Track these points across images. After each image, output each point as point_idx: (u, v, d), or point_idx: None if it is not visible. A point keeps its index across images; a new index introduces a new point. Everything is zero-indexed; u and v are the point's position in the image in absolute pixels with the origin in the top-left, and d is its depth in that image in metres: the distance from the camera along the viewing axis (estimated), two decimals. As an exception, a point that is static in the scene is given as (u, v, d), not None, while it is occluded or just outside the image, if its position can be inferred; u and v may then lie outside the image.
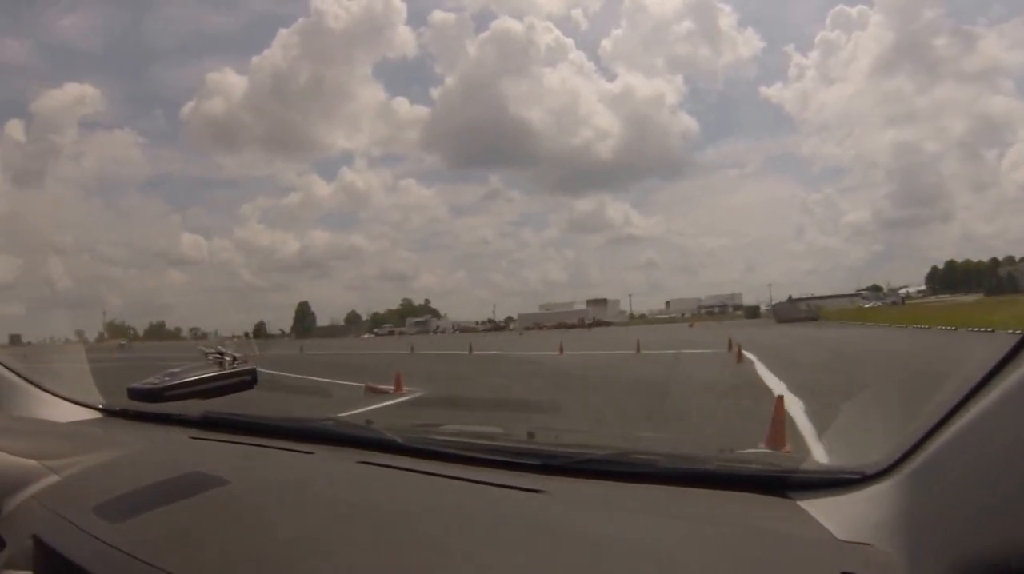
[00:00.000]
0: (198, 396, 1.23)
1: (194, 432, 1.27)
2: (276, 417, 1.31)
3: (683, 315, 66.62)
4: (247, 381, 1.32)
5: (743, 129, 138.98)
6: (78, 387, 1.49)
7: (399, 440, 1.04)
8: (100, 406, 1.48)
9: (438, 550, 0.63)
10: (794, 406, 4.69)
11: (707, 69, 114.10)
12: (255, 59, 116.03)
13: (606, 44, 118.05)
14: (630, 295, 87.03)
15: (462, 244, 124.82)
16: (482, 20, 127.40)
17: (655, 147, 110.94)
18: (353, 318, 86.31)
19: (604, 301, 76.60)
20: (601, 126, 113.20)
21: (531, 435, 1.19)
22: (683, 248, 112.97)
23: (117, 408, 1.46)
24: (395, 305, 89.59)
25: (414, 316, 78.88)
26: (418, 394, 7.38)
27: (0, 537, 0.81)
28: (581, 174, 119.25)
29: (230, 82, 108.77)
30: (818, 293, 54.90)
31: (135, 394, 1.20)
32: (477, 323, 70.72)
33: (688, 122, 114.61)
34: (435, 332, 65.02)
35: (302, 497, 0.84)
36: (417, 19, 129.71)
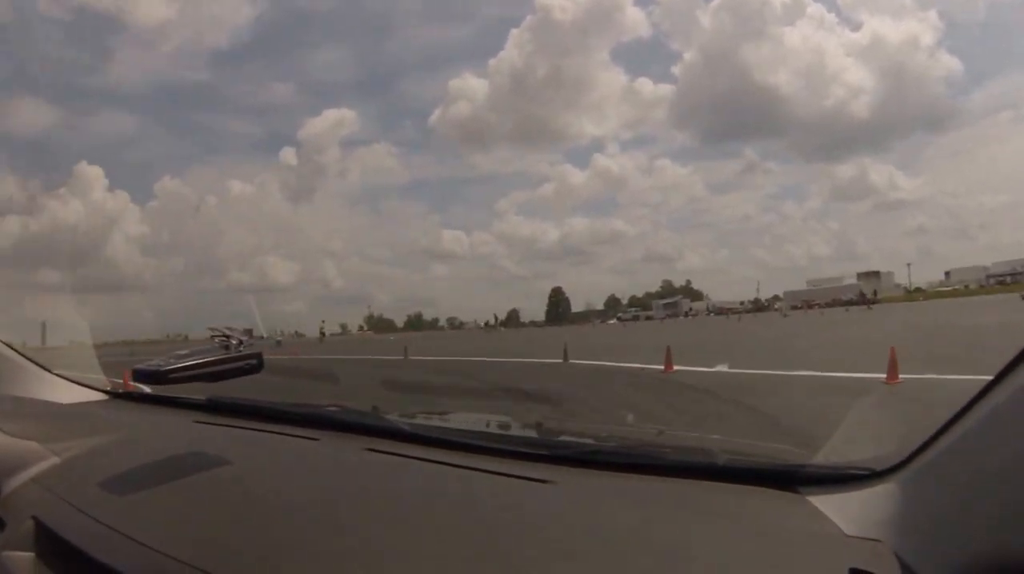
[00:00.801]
0: (202, 379, 1.22)
1: (198, 415, 1.26)
2: (281, 403, 1.30)
3: (966, 287, 56.13)
4: (253, 365, 1.31)
5: (1017, 60, 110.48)
6: (84, 369, 1.49)
7: (406, 428, 1.03)
8: (105, 388, 1.47)
9: (444, 538, 0.62)
10: None
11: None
12: (492, 61, 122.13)
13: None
14: (908, 265, 76.84)
15: (723, 221, 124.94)
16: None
17: (914, 97, 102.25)
18: (612, 302, 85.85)
19: (877, 274, 66.63)
20: (852, 82, 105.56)
21: (539, 425, 1.18)
22: (957, 210, 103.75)
23: (121, 390, 1.47)
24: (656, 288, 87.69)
25: (673, 298, 74.68)
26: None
27: (2, 518, 0.80)
28: (838, 137, 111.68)
29: (471, 86, 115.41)
30: None
31: (139, 376, 1.20)
32: (741, 303, 62.97)
33: (949, 63, 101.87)
34: (686, 315, 61.40)
35: (307, 483, 0.83)
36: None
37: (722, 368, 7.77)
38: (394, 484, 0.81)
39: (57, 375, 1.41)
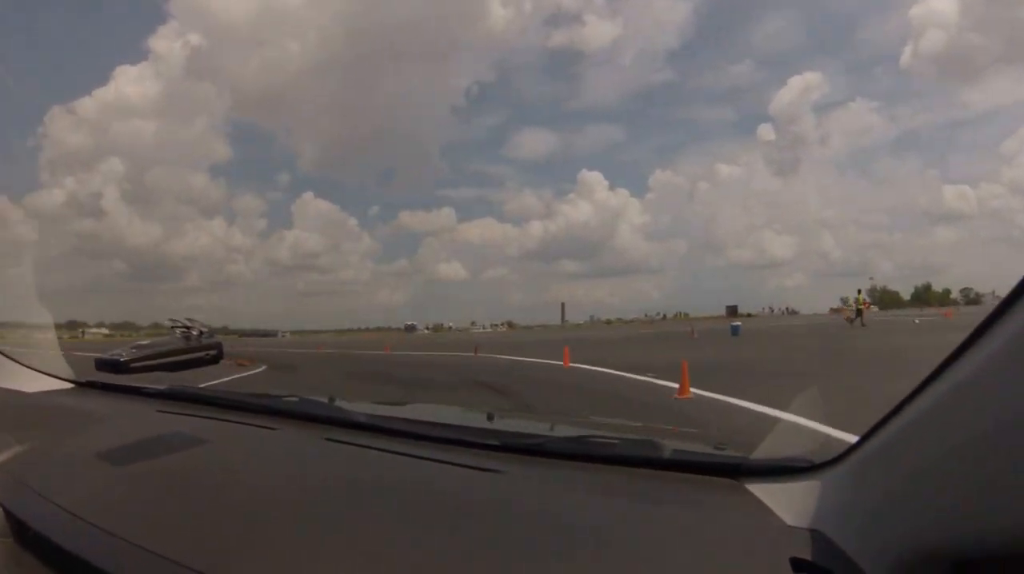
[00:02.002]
0: (163, 369, 1.26)
1: (160, 405, 1.27)
2: (242, 393, 1.32)
3: None
4: (213, 356, 1.37)
5: None
6: (48, 359, 1.48)
7: (364, 419, 1.05)
8: (69, 377, 1.47)
9: (398, 525, 0.64)
10: None
11: None
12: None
13: None
14: None
15: None
16: None
17: None
18: None
19: None
20: None
21: (490, 417, 1.22)
22: None
23: (85, 380, 1.46)
24: None
25: None
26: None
27: None
28: None
29: (938, 8, 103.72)
30: None
31: (101, 365, 1.23)
32: None
33: None
34: None
35: (267, 471, 0.85)
36: None
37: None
38: (351, 473, 0.82)
39: (21, 364, 1.41)
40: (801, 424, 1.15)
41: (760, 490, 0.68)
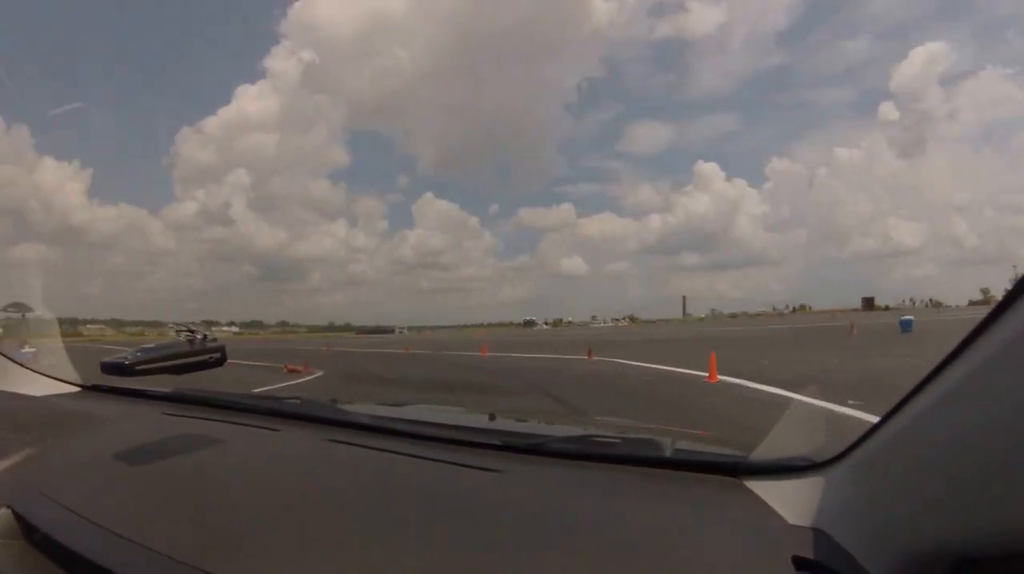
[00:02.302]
0: (167, 372, 1.25)
1: (166, 407, 1.28)
2: (246, 395, 1.33)
3: None
4: (217, 359, 1.34)
5: None
6: (55, 363, 1.55)
7: (365, 420, 1.07)
8: (75, 381, 1.49)
9: (399, 524, 0.65)
10: None
11: None
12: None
13: None
14: None
15: None
16: None
17: None
18: None
19: None
20: None
21: (492, 417, 1.20)
22: None
23: (91, 384, 1.47)
24: None
25: None
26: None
27: None
28: None
29: None
30: None
31: (106, 368, 1.25)
32: None
33: None
34: None
35: (269, 473, 0.86)
36: None
37: None
38: (353, 473, 0.84)
39: (27, 368, 1.44)
40: (802, 422, 1.09)
41: (761, 489, 0.69)
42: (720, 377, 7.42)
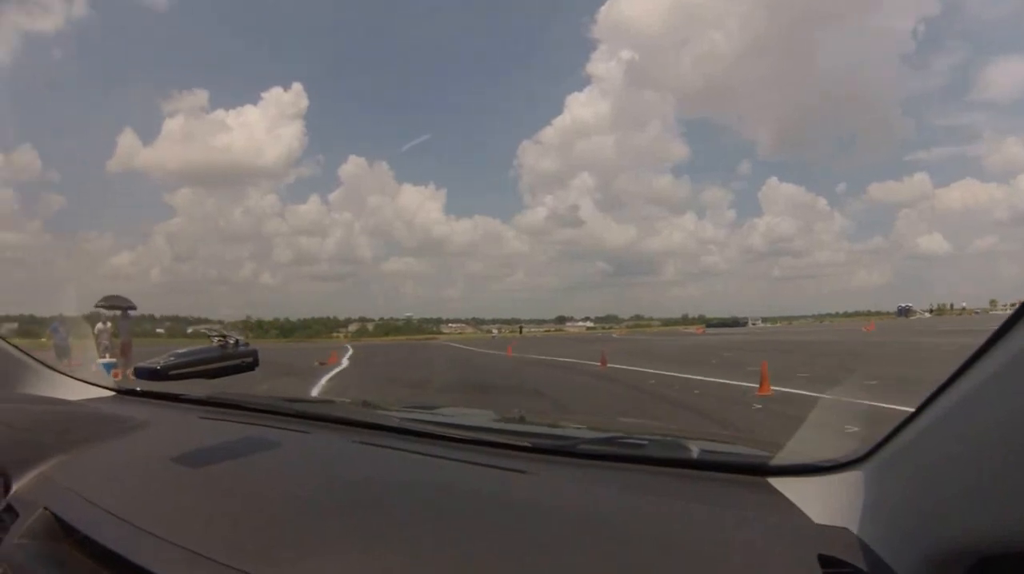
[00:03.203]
0: (201, 376, 1.28)
1: (201, 411, 1.31)
2: (278, 399, 1.36)
3: None
4: (249, 363, 1.38)
5: None
6: (89, 367, 1.54)
7: (395, 422, 1.08)
8: (110, 386, 1.51)
9: (428, 526, 0.66)
10: None
11: None
12: None
13: None
14: None
15: None
16: None
17: None
18: None
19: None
20: None
21: (522, 419, 1.23)
22: None
23: (126, 388, 1.50)
24: None
25: None
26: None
27: (15, 509, 0.83)
28: None
29: None
30: None
31: (140, 373, 1.25)
32: None
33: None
34: None
35: (301, 475, 0.87)
36: None
37: None
38: (382, 474, 0.85)
39: (62, 374, 1.46)
40: (827, 421, 1.13)
41: (787, 488, 0.69)
42: None
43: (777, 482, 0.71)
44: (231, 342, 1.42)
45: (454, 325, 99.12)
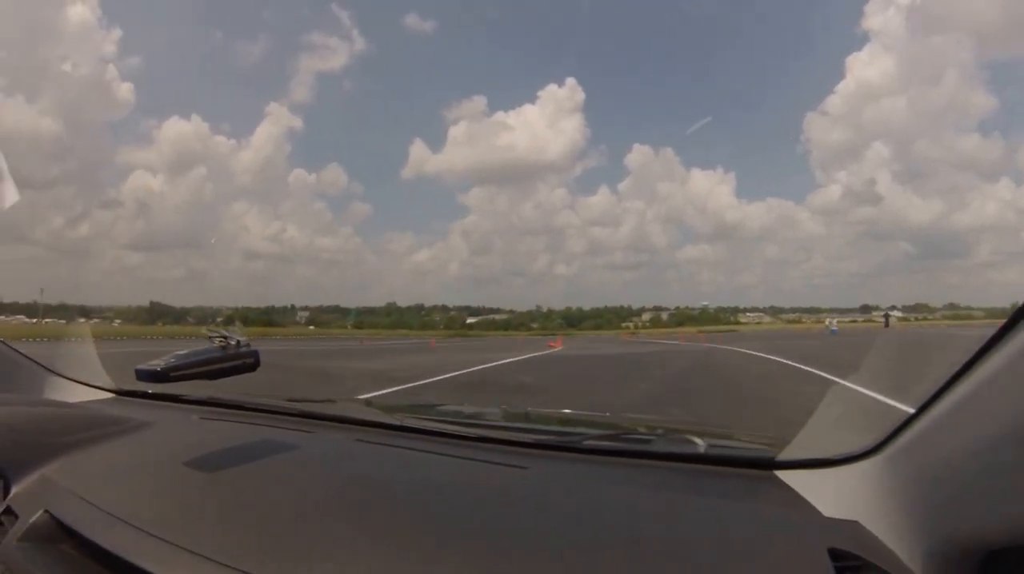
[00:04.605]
0: (202, 377, 1.25)
1: (202, 412, 1.31)
2: (279, 399, 1.36)
3: None
4: (250, 364, 1.38)
5: None
6: (90, 370, 1.54)
7: (395, 421, 1.08)
8: (110, 387, 1.51)
9: (428, 522, 0.66)
10: None
11: None
12: None
13: None
14: None
15: None
16: None
17: None
18: None
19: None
20: None
21: (523, 415, 1.24)
22: None
23: (126, 389, 1.49)
24: None
25: None
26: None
27: (14, 511, 0.83)
28: None
29: None
30: None
31: (141, 375, 1.26)
32: None
33: None
34: None
35: (303, 474, 0.87)
36: None
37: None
38: (384, 472, 0.85)
39: (62, 376, 1.45)
40: (836, 415, 1.16)
41: (796, 482, 0.69)
42: None
43: (785, 475, 0.71)
44: (232, 343, 1.40)
45: (751, 315, 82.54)
